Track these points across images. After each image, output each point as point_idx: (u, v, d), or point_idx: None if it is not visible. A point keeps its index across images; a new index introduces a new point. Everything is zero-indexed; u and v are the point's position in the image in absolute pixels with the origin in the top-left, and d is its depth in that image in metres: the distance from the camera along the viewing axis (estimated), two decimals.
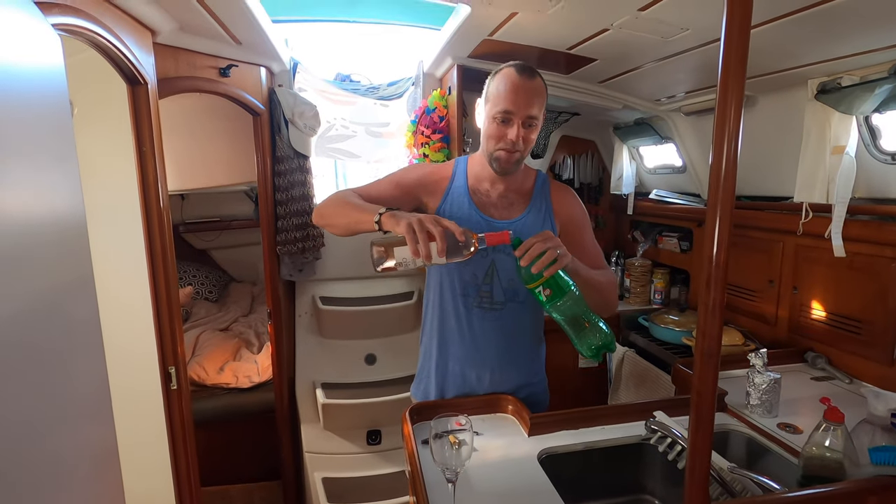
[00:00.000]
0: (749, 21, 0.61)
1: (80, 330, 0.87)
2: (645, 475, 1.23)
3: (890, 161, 1.40)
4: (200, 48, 1.63)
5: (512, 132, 1.13)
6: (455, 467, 0.90)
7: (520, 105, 1.11)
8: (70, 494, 0.78)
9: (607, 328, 1.01)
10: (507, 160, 1.16)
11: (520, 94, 1.11)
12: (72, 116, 1.48)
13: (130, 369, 1.47)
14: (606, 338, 0.99)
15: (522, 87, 1.11)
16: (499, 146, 1.15)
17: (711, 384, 0.67)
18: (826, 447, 0.88)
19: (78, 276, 0.87)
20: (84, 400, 0.86)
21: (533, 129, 1.15)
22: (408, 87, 2.36)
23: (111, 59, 1.18)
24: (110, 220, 1.46)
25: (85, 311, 0.89)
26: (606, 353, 1.03)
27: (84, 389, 0.86)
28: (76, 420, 0.82)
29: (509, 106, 1.11)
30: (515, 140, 1.13)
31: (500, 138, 1.14)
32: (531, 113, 1.12)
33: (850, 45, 1.27)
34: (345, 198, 1.16)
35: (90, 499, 0.85)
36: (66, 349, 0.81)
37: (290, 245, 2.15)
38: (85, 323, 0.88)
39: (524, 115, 1.12)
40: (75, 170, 0.88)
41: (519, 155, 1.16)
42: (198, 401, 2.35)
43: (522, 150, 1.16)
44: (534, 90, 1.13)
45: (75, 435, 0.82)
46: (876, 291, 1.45)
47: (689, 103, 1.97)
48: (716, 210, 0.63)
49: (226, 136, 2.56)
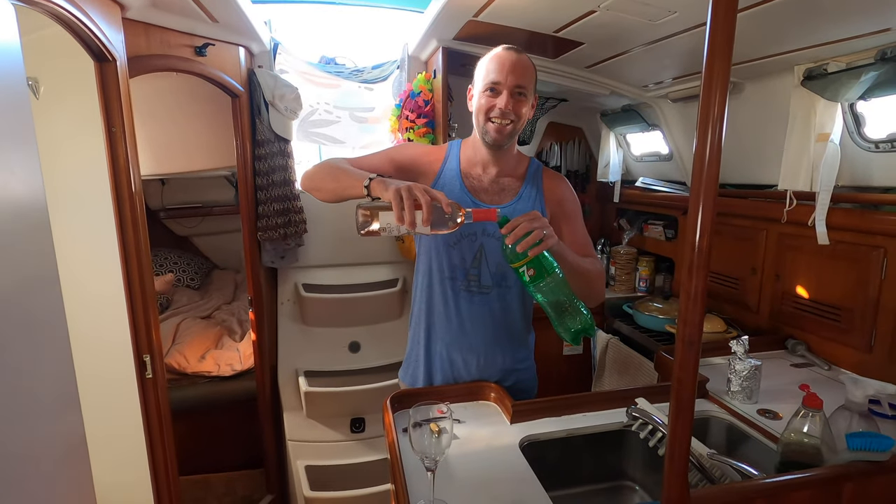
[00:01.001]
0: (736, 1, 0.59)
1: (43, 321, 0.83)
2: (626, 462, 1.24)
3: (874, 149, 1.40)
4: (174, 25, 1.56)
5: (501, 101, 1.14)
6: (434, 456, 0.89)
7: (507, 75, 1.13)
8: (34, 490, 0.75)
9: (588, 313, 1.01)
10: (499, 131, 1.16)
11: (506, 65, 1.13)
12: (37, 95, 1.42)
13: (105, 359, 1.43)
14: (587, 322, 1.00)
15: (510, 60, 1.14)
16: (489, 117, 1.16)
17: (692, 372, 0.65)
18: (804, 433, 0.89)
19: (39, 266, 0.83)
20: (48, 394, 0.83)
21: (522, 100, 1.15)
22: (392, 70, 2.31)
23: (75, 33, 1.12)
24: (80, 205, 1.41)
25: (48, 302, 0.85)
26: (587, 337, 1.04)
27: (48, 383, 0.83)
28: (38, 415, 0.79)
29: (497, 77, 1.14)
30: (504, 108, 1.13)
31: (490, 109, 1.15)
32: (519, 83, 1.13)
33: (836, 30, 1.25)
34: (336, 163, 1.16)
35: (57, 494, 0.82)
36: (27, 342, 0.78)
37: (272, 231, 2.11)
38: (48, 314, 0.84)
39: (512, 85, 1.13)
40: (34, 153, 0.83)
41: (511, 127, 1.16)
42: (179, 389, 2.32)
43: (513, 121, 1.16)
44: (521, 63, 1.14)
45: (38, 430, 0.79)
46: (856, 279, 1.46)
47: (676, 90, 1.96)
48: (699, 195, 0.62)
49: (205, 119, 2.49)
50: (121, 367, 1.42)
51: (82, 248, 1.41)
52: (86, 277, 1.41)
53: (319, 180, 1.17)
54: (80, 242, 1.40)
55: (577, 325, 1.00)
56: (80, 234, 1.40)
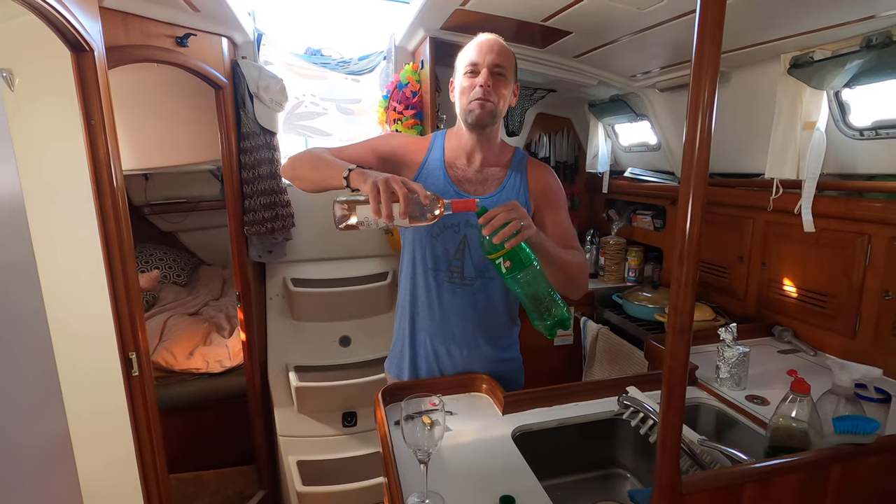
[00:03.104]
0: None
1: (22, 318, 0.81)
2: (617, 450, 1.24)
3: (859, 136, 1.41)
4: (154, 14, 1.52)
5: (480, 78, 1.15)
6: (427, 448, 0.88)
7: (484, 55, 1.15)
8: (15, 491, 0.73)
9: (565, 306, 1.02)
10: (480, 108, 1.16)
11: (483, 47, 1.16)
12: (11, 87, 1.37)
13: (91, 357, 1.40)
14: (562, 315, 1.00)
15: (487, 42, 1.17)
16: (470, 97, 1.16)
17: (683, 359, 0.66)
18: (792, 418, 0.90)
19: (17, 262, 0.81)
20: (28, 393, 0.81)
21: (502, 80, 1.17)
22: (379, 61, 2.28)
23: (49, 21, 1.09)
24: (61, 200, 1.37)
25: (26, 299, 0.82)
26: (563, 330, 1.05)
27: (28, 382, 0.81)
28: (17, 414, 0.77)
29: (475, 58, 1.16)
30: (484, 85, 1.14)
31: (471, 89, 1.16)
32: (497, 62, 1.15)
33: (822, 17, 1.26)
34: (318, 153, 1.15)
35: (40, 494, 0.81)
36: (6, 339, 0.75)
37: (259, 225, 2.08)
38: (27, 311, 0.82)
39: (490, 63, 1.15)
40: (8, 147, 0.80)
41: (492, 106, 1.16)
42: (167, 387, 2.29)
43: (495, 102, 1.16)
44: (498, 44, 1.17)
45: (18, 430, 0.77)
46: (841, 266, 1.48)
47: (663, 79, 1.96)
48: (689, 182, 0.61)
49: (188, 111, 2.44)
50: (107, 365, 1.39)
51: (66, 244, 1.37)
52: (69, 275, 1.37)
53: (300, 169, 1.16)
54: (63, 239, 1.37)
55: (552, 318, 1.00)
56: (61, 231, 1.36)
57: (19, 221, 0.83)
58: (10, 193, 0.80)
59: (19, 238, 0.82)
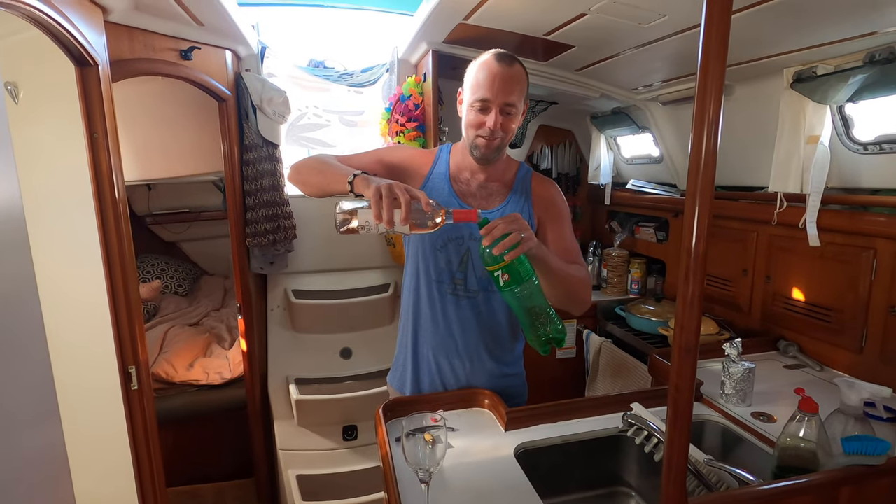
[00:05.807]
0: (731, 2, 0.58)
1: (19, 333, 0.80)
2: (622, 467, 1.22)
3: (862, 151, 1.41)
4: (158, 29, 1.53)
5: (490, 119, 1.12)
6: (428, 467, 0.87)
7: (496, 92, 1.10)
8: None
9: (561, 323, 1.01)
10: (487, 147, 1.15)
11: (496, 82, 1.10)
12: (16, 100, 1.38)
13: (90, 370, 1.39)
14: (558, 332, 1.00)
15: (500, 74, 1.10)
16: (478, 133, 1.14)
17: (689, 379, 0.64)
18: (801, 438, 0.88)
19: (15, 274, 0.80)
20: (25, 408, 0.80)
21: (512, 116, 1.14)
22: (382, 73, 2.29)
23: (54, 36, 1.09)
24: (63, 212, 1.37)
25: (25, 314, 0.82)
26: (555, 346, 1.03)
27: (24, 394, 0.80)
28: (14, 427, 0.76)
29: (486, 94, 1.11)
30: (493, 127, 1.12)
31: (479, 126, 1.14)
32: (508, 100, 1.11)
33: (825, 33, 1.26)
34: (324, 158, 1.16)
35: None
36: (3, 351, 0.75)
37: (261, 237, 2.08)
38: (25, 326, 0.81)
39: (501, 103, 1.11)
40: (10, 158, 0.80)
41: (498, 142, 1.15)
42: (166, 399, 2.27)
43: (502, 137, 1.15)
44: (511, 77, 1.11)
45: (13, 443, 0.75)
46: (846, 280, 1.46)
47: (665, 92, 1.96)
48: (695, 199, 0.61)
49: (192, 123, 2.45)
50: (106, 378, 1.38)
51: (66, 256, 1.37)
52: (71, 286, 1.37)
53: (306, 174, 1.17)
54: (64, 251, 1.37)
55: (547, 334, 0.99)
56: (62, 242, 1.36)
57: (19, 232, 0.82)
58: (10, 205, 0.79)
59: (19, 249, 0.82)
